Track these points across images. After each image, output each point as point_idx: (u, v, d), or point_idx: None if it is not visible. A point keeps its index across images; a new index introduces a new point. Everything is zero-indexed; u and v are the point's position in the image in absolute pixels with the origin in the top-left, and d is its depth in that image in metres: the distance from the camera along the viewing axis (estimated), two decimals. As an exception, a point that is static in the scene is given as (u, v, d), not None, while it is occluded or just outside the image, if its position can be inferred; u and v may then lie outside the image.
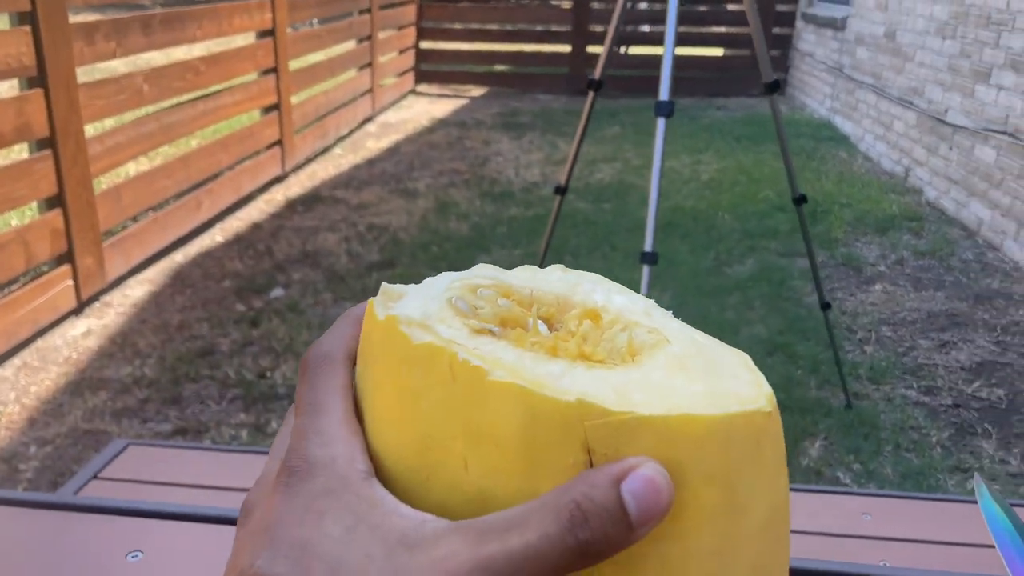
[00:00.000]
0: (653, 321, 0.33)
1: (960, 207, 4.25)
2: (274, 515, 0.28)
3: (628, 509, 0.26)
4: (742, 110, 7.28)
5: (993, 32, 4.03)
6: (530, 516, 0.26)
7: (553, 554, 0.25)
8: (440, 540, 0.26)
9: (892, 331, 3.06)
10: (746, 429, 0.28)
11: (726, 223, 4.18)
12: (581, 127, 2.17)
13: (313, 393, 0.31)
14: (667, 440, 0.27)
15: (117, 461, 1.25)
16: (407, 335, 0.30)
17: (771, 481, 0.29)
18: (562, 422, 0.27)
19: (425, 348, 0.29)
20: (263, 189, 4.64)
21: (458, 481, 0.28)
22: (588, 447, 0.27)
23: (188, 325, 3.02)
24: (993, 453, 2.33)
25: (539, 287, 0.35)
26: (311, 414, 0.31)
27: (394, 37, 7.17)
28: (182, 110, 3.74)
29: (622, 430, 0.27)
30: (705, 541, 0.28)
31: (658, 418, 0.27)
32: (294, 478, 0.29)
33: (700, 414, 0.27)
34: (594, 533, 0.25)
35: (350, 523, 0.27)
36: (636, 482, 0.26)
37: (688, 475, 0.27)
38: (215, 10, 3.91)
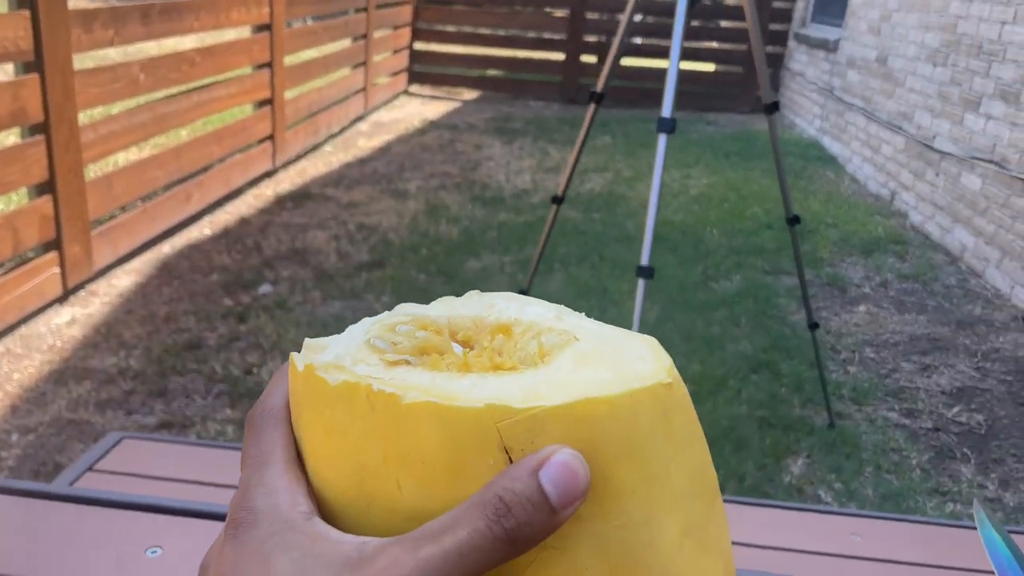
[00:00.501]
0: (564, 324, 0.35)
1: (944, 233, 4.32)
2: (226, 566, 0.30)
3: (548, 494, 0.28)
4: (732, 126, 7.35)
5: (984, 62, 4.10)
6: (459, 517, 0.28)
7: (485, 546, 0.28)
8: (381, 554, 0.28)
9: (875, 352, 3.10)
10: (650, 402, 0.30)
11: (714, 238, 4.21)
12: (581, 138, 2.19)
13: (257, 447, 0.34)
14: (575, 425, 0.29)
15: (112, 454, 1.25)
16: (324, 379, 0.32)
17: (685, 448, 0.32)
18: (476, 428, 0.29)
19: (342, 387, 0.31)
20: (253, 184, 4.62)
21: (395, 503, 0.30)
22: (504, 446, 0.29)
23: (175, 317, 3.00)
24: (971, 477, 2.36)
25: (456, 314, 0.38)
26: (255, 467, 0.33)
27: (389, 37, 7.16)
28: (176, 101, 3.71)
29: (532, 424, 0.29)
30: (632, 512, 0.30)
31: (563, 407, 0.29)
32: (240, 529, 0.31)
33: (602, 395, 0.29)
34: (518, 520, 0.28)
35: (296, 557, 0.29)
36: (552, 468, 0.28)
37: (601, 454, 0.29)
38: (214, 2, 3.89)
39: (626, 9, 2.10)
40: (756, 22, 1.90)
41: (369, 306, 3.19)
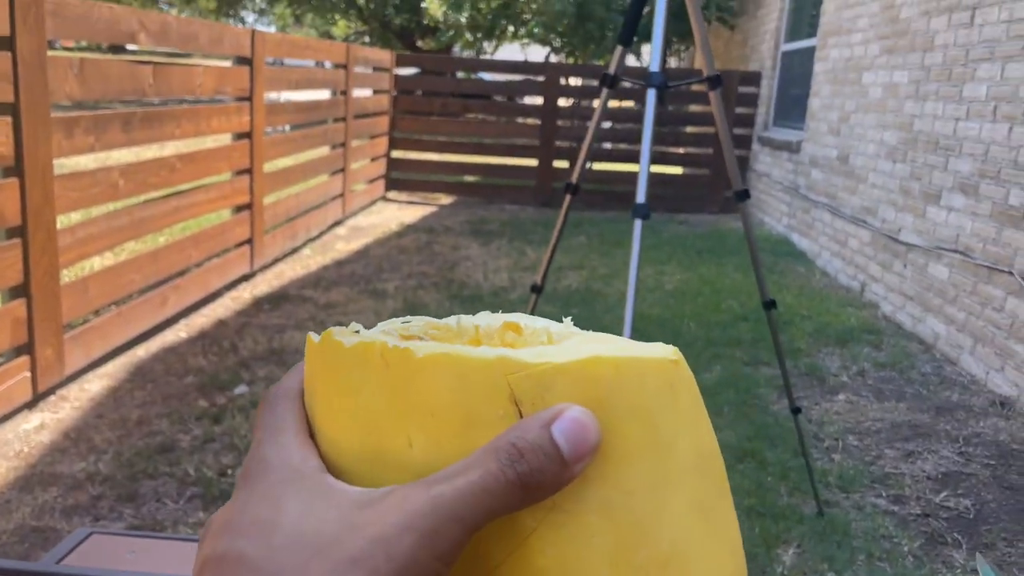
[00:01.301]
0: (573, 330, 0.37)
1: (916, 322, 4.38)
2: (233, 509, 0.31)
3: (560, 446, 0.28)
4: (703, 225, 7.52)
5: (941, 156, 4.27)
6: (472, 462, 0.29)
7: (496, 488, 0.28)
8: (392, 492, 0.29)
9: (858, 440, 3.09)
10: (657, 371, 0.31)
11: (691, 331, 4.24)
12: (559, 226, 2.23)
13: (272, 417, 0.34)
14: (585, 382, 0.30)
15: (80, 550, 1.19)
16: (340, 341, 0.33)
17: (693, 426, 0.33)
18: (487, 378, 0.30)
19: (358, 346, 0.32)
20: (231, 287, 4.61)
21: (405, 460, 0.31)
22: (515, 398, 0.30)
23: (147, 421, 2.93)
24: (964, 563, 2.32)
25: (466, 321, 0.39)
26: (268, 432, 0.33)
27: (367, 145, 7.34)
28: (155, 205, 3.75)
29: (542, 379, 0.30)
30: (640, 478, 0.30)
31: (572, 363, 0.30)
32: (250, 478, 0.31)
33: (611, 355, 0.30)
34: (531, 466, 0.28)
35: (306, 499, 0.29)
36: (564, 422, 0.29)
37: (610, 412, 0.30)
38: (195, 111, 3.99)
39: (597, 106, 2.18)
40: (722, 111, 1.97)
41: (347, 405, 3.13)
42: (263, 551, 0.28)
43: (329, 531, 0.28)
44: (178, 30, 3.81)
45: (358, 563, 0.27)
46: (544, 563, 0.29)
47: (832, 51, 6.12)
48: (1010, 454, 3.01)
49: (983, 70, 3.91)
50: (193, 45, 4.00)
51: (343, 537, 0.28)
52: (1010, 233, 3.58)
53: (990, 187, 3.77)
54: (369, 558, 0.27)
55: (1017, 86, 3.61)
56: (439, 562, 0.27)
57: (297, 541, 0.28)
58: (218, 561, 0.29)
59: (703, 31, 1.94)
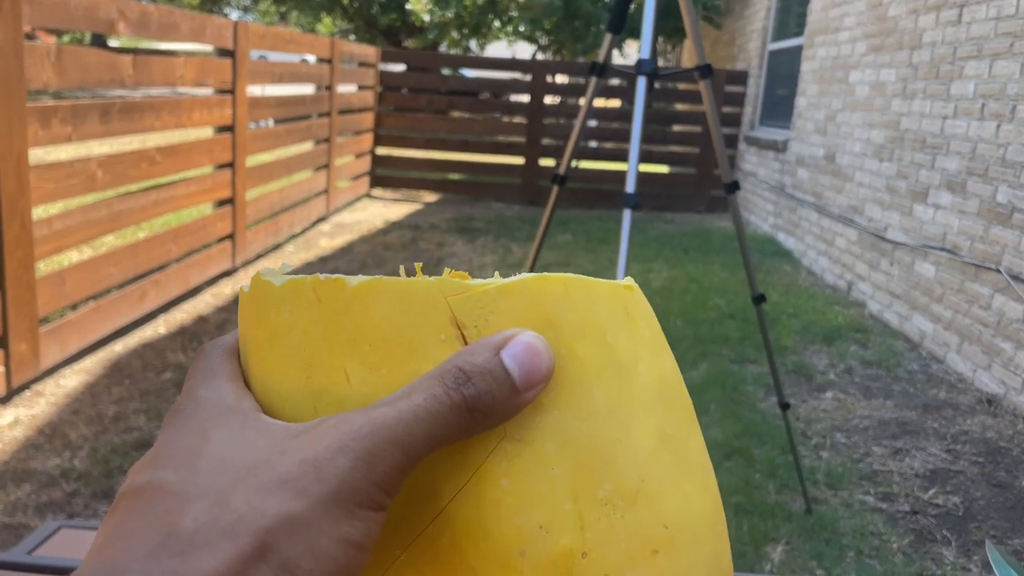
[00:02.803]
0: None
1: (903, 320, 4.38)
2: (159, 444, 0.28)
3: (510, 371, 0.27)
4: (689, 224, 7.51)
5: (928, 155, 4.26)
6: (416, 386, 0.27)
7: (441, 411, 0.26)
8: (328, 419, 0.27)
9: (846, 437, 3.07)
10: (609, 295, 0.29)
11: (678, 328, 4.21)
12: (546, 217, 2.19)
13: (207, 362, 0.32)
14: (532, 302, 0.28)
15: (49, 543, 1.14)
16: (269, 281, 0.31)
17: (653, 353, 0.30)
18: (426, 301, 0.28)
19: (288, 284, 0.30)
20: (211, 282, 4.54)
21: (343, 396, 0.28)
22: (457, 321, 0.28)
23: (124, 417, 2.87)
24: (954, 560, 2.30)
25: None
26: (203, 376, 0.31)
27: (351, 141, 7.28)
28: (134, 198, 3.67)
29: (485, 300, 0.28)
30: (597, 402, 0.28)
31: (518, 282, 0.28)
32: (181, 415, 0.29)
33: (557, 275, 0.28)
34: (479, 390, 0.26)
35: (237, 430, 0.27)
36: (515, 347, 0.27)
37: (561, 332, 0.28)
38: (176, 102, 3.92)
39: (587, 95, 2.14)
40: (713, 100, 1.94)
41: (330, 401, 3.08)
42: (186, 476, 0.26)
43: (259, 456, 0.26)
44: (158, 20, 3.74)
45: (287, 484, 0.25)
46: (498, 496, 0.27)
47: (819, 50, 6.12)
48: (998, 451, 3.00)
49: (971, 68, 3.91)
50: (174, 35, 3.93)
51: (273, 460, 0.25)
52: (997, 231, 3.57)
53: (977, 185, 3.76)
54: (299, 478, 0.25)
55: (1005, 84, 3.60)
56: (377, 488, 0.25)
57: (223, 465, 0.26)
58: (137, 492, 0.26)
59: (694, 20, 1.91)
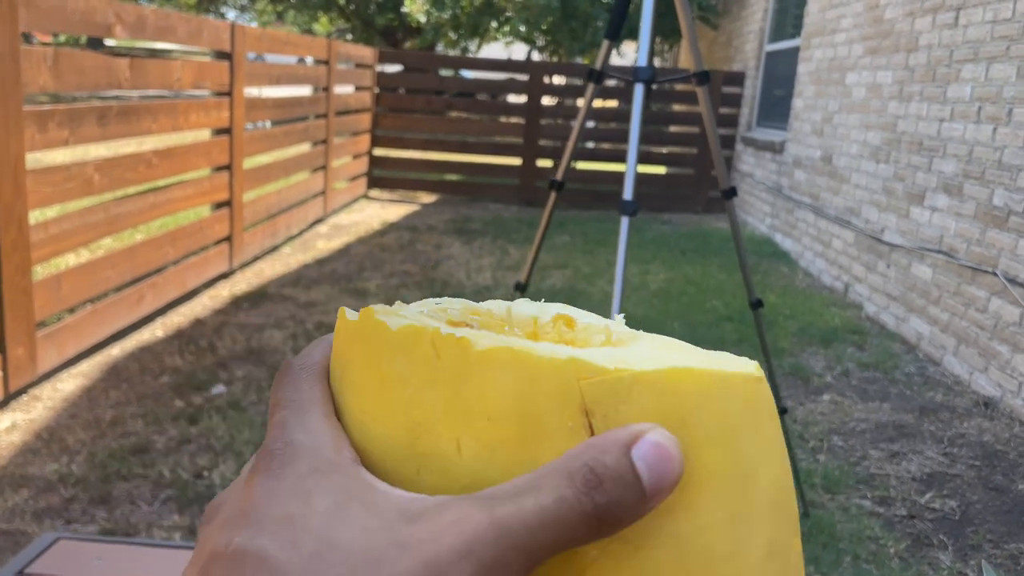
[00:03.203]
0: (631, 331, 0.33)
1: (900, 322, 4.38)
2: (253, 498, 0.26)
3: (640, 475, 0.25)
4: (687, 225, 7.51)
5: (925, 157, 4.27)
6: (541, 481, 0.25)
7: (570, 517, 0.24)
8: (447, 508, 0.25)
9: (843, 440, 3.07)
10: (743, 390, 0.27)
11: (675, 331, 4.21)
12: (543, 223, 2.19)
13: (295, 392, 0.30)
14: (666, 395, 0.26)
15: (45, 556, 1.14)
16: (384, 323, 0.28)
17: (773, 454, 0.28)
18: (557, 382, 0.26)
19: (406, 330, 0.28)
20: (209, 285, 4.54)
21: (451, 467, 0.27)
22: (585, 408, 0.26)
23: (122, 421, 2.87)
24: (951, 565, 2.30)
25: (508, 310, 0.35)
26: (293, 410, 0.29)
27: (348, 142, 7.28)
28: (131, 201, 3.67)
29: (619, 387, 0.26)
30: (716, 511, 0.26)
31: (654, 373, 0.26)
32: (276, 461, 0.27)
33: (697, 367, 0.26)
34: (609, 497, 0.24)
35: (341, 499, 0.25)
36: (646, 447, 0.25)
37: (691, 434, 0.26)
38: (173, 105, 3.91)
39: (584, 101, 2.14)
40: (710, 107, 1.94)
41: (327, 405, 3.08)
42: (291, 555, 0.24)
43: (372, 544, 0.24)
44: (155, 23, 3.74)
45: None
46: None
47: (816, 51, 6.13)
48: (995, 455, 3.01)
49: (967, 71, 3.92)
50: (171, 38, 3.93)
51: (389, 555, 0.24)
52: (994, 234, 3.58)
53: (974, 188, 3.77)
54: None
55: (1001, 87, 3.61)
56: None
57: (332, 550, 0.24)
58: (233, 558, 0.24)
59: (691, 27, 1.91)
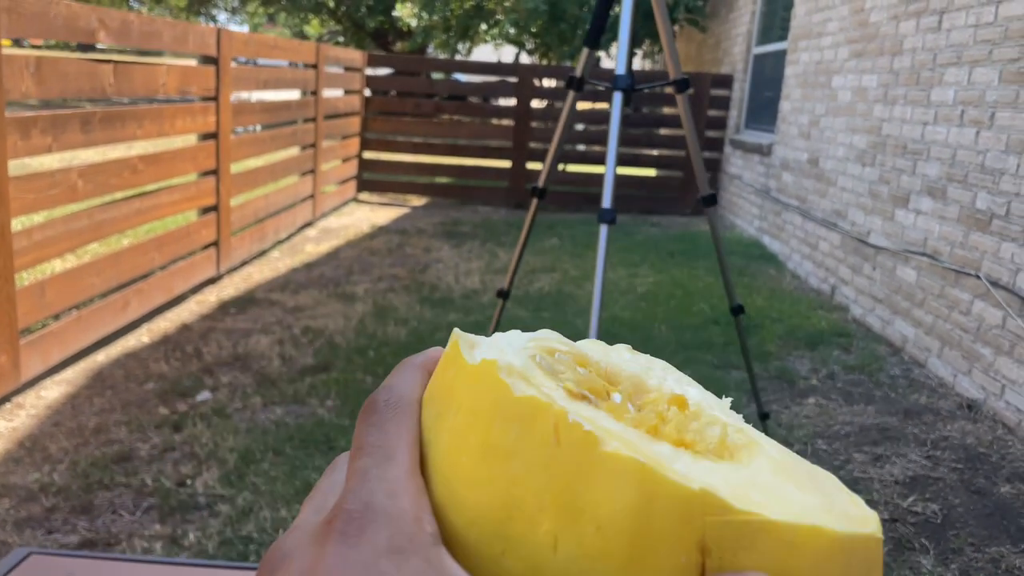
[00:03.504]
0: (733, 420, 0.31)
1: (885, 324, 4.40)
2: (325, 566, 0.24)
3: None
4: (675, 227, 7.53)
5: (909, 160, 4.29)
6: None
7: None
8: None
9: (827, 444, 3.08)
10: (864, 553, 0.26)
11: (662, 334, 4.23)
12: (525, 230, 2.19)
13: (383, 436, 0.28)
14: (790, 550, 0.24)
15: (15, 573, 1.14)
16: (508, 384, 0.27)
17: None
18: (682, 512, 0.24)
19: (528, 402, 0.26)
20: (196, 290, 4.53)
21: (542, 562, 0.25)
22: (703, 545, 0.24)
23: (105, 429, 2.86)
24: (932, 568, 2.31)
25: (612, 362, 0.33)
26: (377, 458, 0.27)
27: (338, 146, 7.27)
28: (116, 207, 3.66)
29: (744, 531, 0.24)
30: None
31: (785, 525, 0.24)
32: (353, 526, 0.25)
33: (828, 528, 0.24)
34: None
35: None
36: None
37: None
38: (158, 110, 3.91)
39: (564, 108, 2.15)
40: (690, 118, 1.95)
41: (313, 411, 3.08)
42: None
43: None
44: (140, 28, 3.73)
45: None
46: None
47: (802, 55, 6.15)
48: (977, 458, 3.03)
49: (950, 74, 3.94)
50: (156, 43, 3.92)
51: None
52: (977, 237, 3.60)
53: (957, 191, 3.79)
54: None
55: (983, 91, 3.63)
56: None
57: None
58: None
59: (669, 34, 1.92)
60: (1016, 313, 3.27)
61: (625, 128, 8.24)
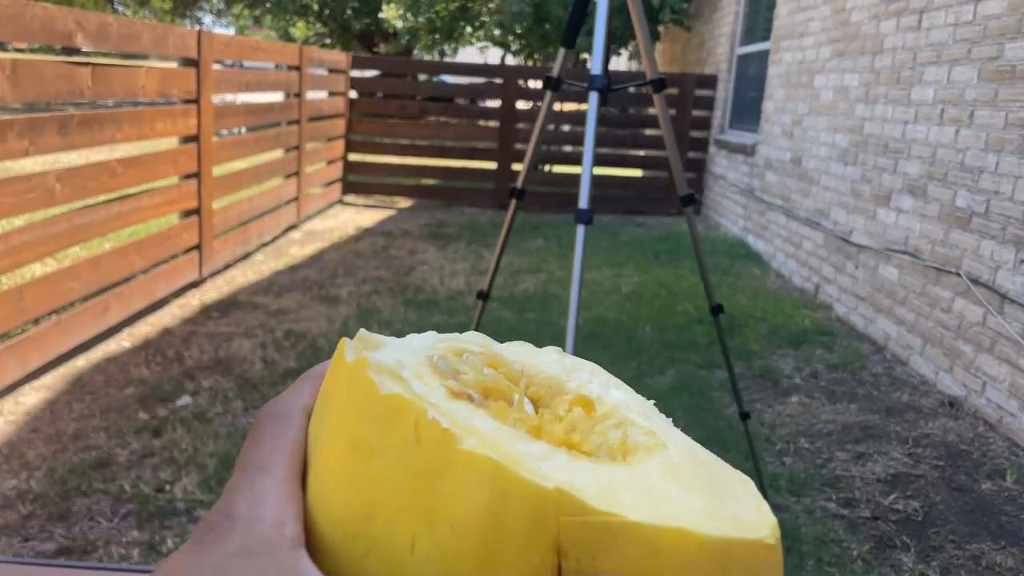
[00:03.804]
0: (651, 424, 0.30)
1: (868, 323, 4.42)
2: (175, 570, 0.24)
3: None
4: (660, 227, 7.54)
5: (891, 159, 4.31)
6: None
7: None
8: None
9: (810, 443, 3.09)
10: (747, 560, 0.24)
11: (647, 335, 4.23)
12: (504, 232, 2.19)
13: (257, 451, 0.28)
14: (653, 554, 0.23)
15: (-23, 582, 1.12)
16: (374, 382, 0.26)
17: None
18: (535, 512, 0.23)
19: (391, 400, 0.25)
20: (178, 294, 4.50)
21: (400, 563, 0.24)
22: (559, 547, 0.23)
23: (84, 435, 2.83)
24: (913, 566, 2.32)
25: (532, 364, 0.32)
26: (250, 471, 0.27)
27: (322, 148, 7.24)
28: (95, 211, 3.63)
29: (603, 533, 0.23)
30: None
31: (647, 527, 0.23)
32: (211, 535, 0.25)
33: (696, 530, 0.23)
34: None
35: None
36: None
37: None
38: (138, 114, 3.88)
39: (542, 109, 2.15)
40: (668, 119, 1.95)
41: (294, 415, 3.06)
42: None
43: None
44: (118, 31, 3.70)
45: None
46: None
47: (785, 54, 6.17)
48: (958, 455, 3.04)
49: (930, 73, 3.96)
50: (136, 46, 3.89)
51: None
52: (957, 235, 3.62)
53: (938, 189, 3.81)
54: None
55: (963, 89, 3.65)
56: None
57: None
58: None
59: (646, 34, 1.92)
60: (996, 310, 3.29)
61: (611, 129, 8.26)
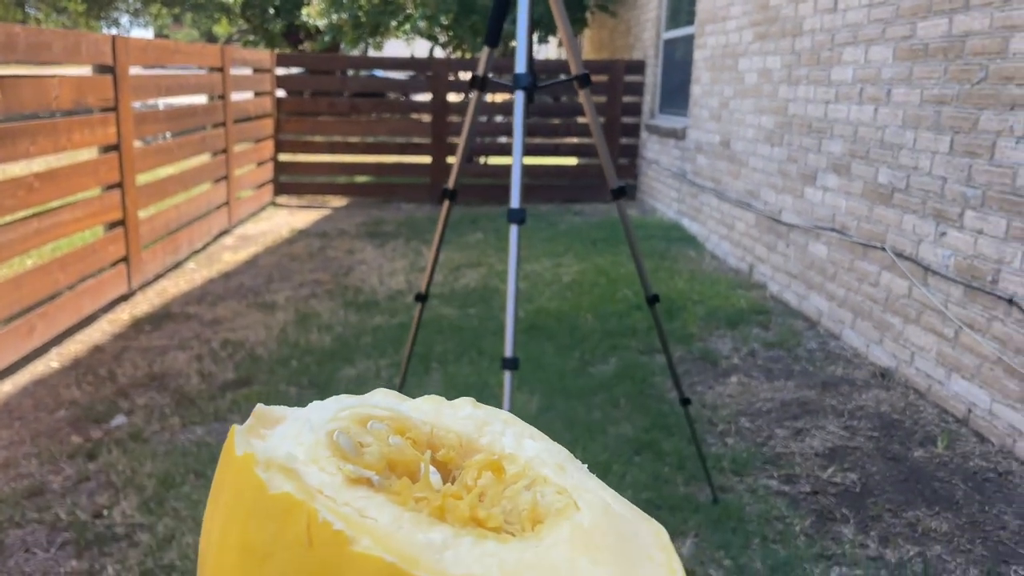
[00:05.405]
0: (565, 479, 0.29)
1: (801, 300, 4.53)
2: None
3: None
4: (597, 215, 7.60)
5: (815, 139, 4.42)
6: None
7: None
8: None
9: (750, 421, 3.16)
10: None
11: (588, 323, 4.26)
12: (438, 235, 2.17)
13: None
14: None
15: None
16: (263, 481, 0.25)
17: None
18: None
19: (282, 500, 0.24)
20: (107, 309, 4.36)
21: None
22: None
23: (14, 463, 2.73)
24: (853, 538, 2.39)
25: (442, 424, 0.31)
26: None
27: (251, 150, 7.10)
28: (14, 229, 3.49)
29: None
30: None
31: None
32: None
33: None
34: None
35: None
36: None
37: None
38: (53, 125, 3.73)
39: (469, 109, 2.13)
40: (593, 109, 1.96)
41: (235, 427, 3.00)
42: None
43: None
44: (26, 40, 3.55)
45: None
46: None
47: (709, 38, 6.26)
48: (891, 424, 3.14)
49: (848, 54, 4.06)
50: (46, 56, 3.74)
51: None
52: (880, 210, 3.73)
53: (860, 167, 3.92)
54: None
55: (880, 68, 3.75)
56: None
57: None
58: None
59: (568, 29, 1.92)
60: (920, 282, 3.40)
61: (544, 118, 8.28)
